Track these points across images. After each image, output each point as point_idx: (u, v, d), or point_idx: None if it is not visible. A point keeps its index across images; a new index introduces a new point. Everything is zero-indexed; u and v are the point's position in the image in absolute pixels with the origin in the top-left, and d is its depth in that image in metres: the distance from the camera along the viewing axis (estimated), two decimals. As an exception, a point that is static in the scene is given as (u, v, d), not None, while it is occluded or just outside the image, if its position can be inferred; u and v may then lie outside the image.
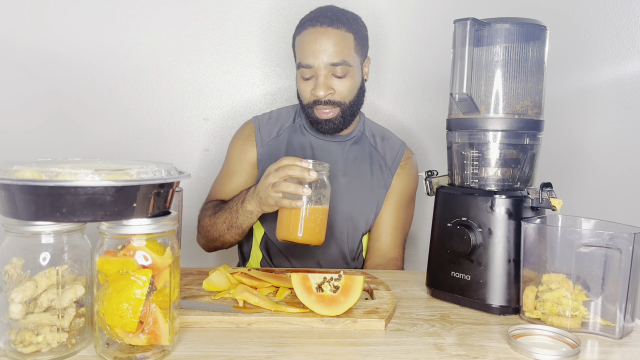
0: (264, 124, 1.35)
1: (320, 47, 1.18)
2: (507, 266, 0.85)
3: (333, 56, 1.18)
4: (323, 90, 1.19)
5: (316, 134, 1.31)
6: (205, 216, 1.26)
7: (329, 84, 1.20)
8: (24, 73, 1.57)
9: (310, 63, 1.19)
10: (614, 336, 0.76)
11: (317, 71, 1.20)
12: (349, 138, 1.32)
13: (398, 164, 1.35)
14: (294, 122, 1.35)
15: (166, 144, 1.65)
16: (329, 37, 1.19)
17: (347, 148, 1.31)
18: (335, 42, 1.19)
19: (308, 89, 1.23)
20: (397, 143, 1.37)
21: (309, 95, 1.23)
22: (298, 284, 0.79)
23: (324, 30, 1.19)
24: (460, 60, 0.84)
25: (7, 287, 0.62)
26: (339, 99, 1.22)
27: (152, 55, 1.61)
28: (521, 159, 0.89)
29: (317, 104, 1.22)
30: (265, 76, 1.66)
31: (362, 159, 1.32)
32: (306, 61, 1.20)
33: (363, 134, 1.35)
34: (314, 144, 1.31)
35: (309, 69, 1.20)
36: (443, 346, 0.71)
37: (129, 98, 1.62)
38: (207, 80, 1.64)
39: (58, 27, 1.56)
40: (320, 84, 1.19)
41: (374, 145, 1.35)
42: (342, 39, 1.20)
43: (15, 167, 0.58)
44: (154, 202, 0.64)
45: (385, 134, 1.38)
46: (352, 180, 1.30)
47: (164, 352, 0.65)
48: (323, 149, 1.30)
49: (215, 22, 1.62)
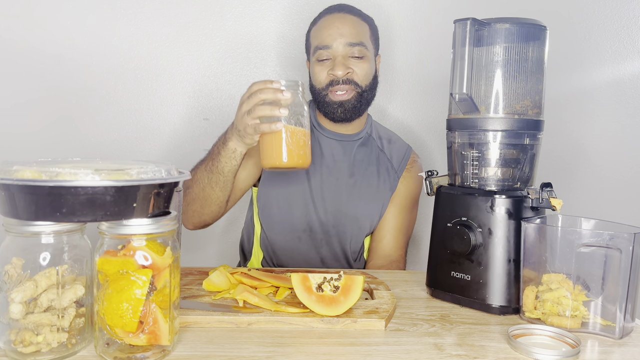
0: None
1: (338, 30, 1.21)
2: (507, 266, 0.85)
3: (351, 37, 1.21)
4: (341, 69, 1.20)
5: (324, 132, 1.30)
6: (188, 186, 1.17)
7: (347, 64, 1.21)
8: (24, 73, 1.56)
9: (328, 43, 1.21)
10: (614, 336, 0.76)
11: (335, 52, 1.21)
12: (356, 139, 1.32)
13: (404, 167, 1.36)
14: None
15: (166, 144, 1.64)
16: (346, 21, 1.23)
17: (355, 149, 1.31)
18: (353, 25, 1.23)
19: (325, 71, 1.23)
20: (404, 146, 1.38)
21: (325, 76, 1.23)
22: (298, 284, 0.79)
23: (341, 16, 1.24)
24: (460, 60, 0.84)
25: (7, 287, 0.62)
26: (356, 79, 1.22)
27: (152, 55, 1.61)
28: (521, 159, 0.89)
29: (333, 84, 1.22)
30: (265, 76, 1.66)
31: (370, 160, 1.32)
32: (324, 42, 1.21)
33: (370, 136, 1.35)
34: (323, 143, 1.30)
35: (327, 49, 1.21)
36: (443, 346, 0.71)
37: (129, 98, 1.61)
38: (207, 80, 1.64)
39: (58, 27, 1.56)
40: (339, 63, 1.21)
41: (381, 148, 1.35)
42: (359, 24, 1.24)
43: (15, 167, 0.58)
44: (154, 202, 0.63)
45: (392, 137, 1.39)
46: (359, 181, 1.30)
47: (164, 352, 0.65)
48: (331, 148, 1.30)
49: (215, 22, 1.62)
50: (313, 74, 1.26)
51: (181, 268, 0.82)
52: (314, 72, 1.25)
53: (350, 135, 1.31)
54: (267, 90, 0.95)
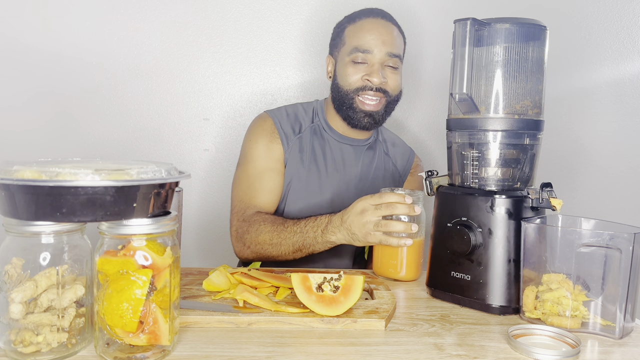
0: (284, 120, 1.28)
1: (381, 36, 1.20)
2: (507, 266, 0.85)
3: (392, 47, 1.20)
4: (378, 77, 1.19)
5: (336, 136, 1.29)
6: (264, 230, 1.15)
7: (383, 73, 1.21)
8: (24, 73, 1.56)
9: (370, 48, 1.19)
10: (614, 336, 0.76)
11: (373, 58, 1.20)
12: (365, 143, 1.32)
13: (408, 171, 1.37)
14: (313, 122, 1.31)
15: (166, 144, 1.64)
16: (390, 30, 1.22)
17: (364, 153, 1.31)
18: (395, 36, 1.22)
19: (359, 74, 1.21)
20: (407, 150, 1.39)
21: (358, 79, 1.21)
22: (298, 284, 0.79)
23: (384, 23, 1.23)
24: (460, 60, 0.84)
25: (7, 287, 0.62)
26: (389, 89, 1.22)
27: (152, 55, 1.61)
28: (521, 159, 0.89)
29: (364, 89, 1.20)
30: (265, 76, 1.66)
31: (376, 165, 1.33)
32: (366, 46, 1.20)
33: (377, 140, 1.35)
34: (333, 146, 1.29)
35: (366, 54, 1.20)
36: (443, 346, 0.71)
37: (129, 98, 1.61)
38: (207, 80, 1.64)
39: (58, 27, 1.56)
40: (377, 70, 1.19)
41: (386, 152, 1.36)
42: (398, 36, 1.24)
43: (15, 167, 0.58)
44: (154, 202, 0.63)
45: (395, 140, 1.39)
46: (365, 185, 1.30)
47: (164, 352, 0.65)
48: (341, 151, 1.30)
49: (215, 22, 1.62)
50: (345, 74, 1.22)
51: (181, 268, 0.82)
52: (347, 73, 1.22)
53: (361, 140, 1.31)
54: (400, 206, 0.97)
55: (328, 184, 1.27)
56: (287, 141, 1.26)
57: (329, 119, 1.31)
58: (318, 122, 1.30)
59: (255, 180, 1.24)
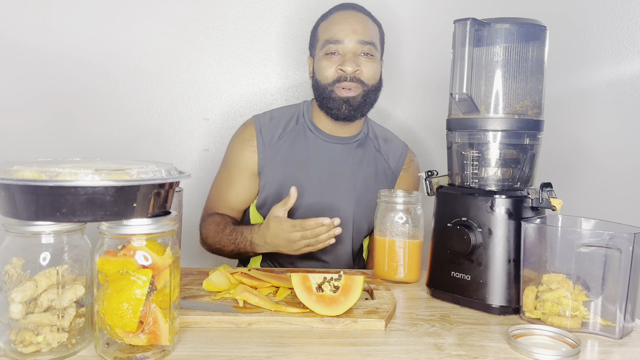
0: (265, 125, 1.30)
1: (351, 26, 1.21)
2: (507, 266, 0.85)
3: (363, 35, 1.21)
4: (351, 65, 1.19)
5: (322, 136, 1.29)
6: (210, 231, 1.25)
7: (357, 61, 1.21)
8: (24, 73, 1.56)
9: (340, 38, 1.20)
10: (614, 336, 0.76)
11: (345, 48, 1.20)
12: (354, 140, 1.30)
13: (401, 167, 1.35)
14: (297, 123, 1.31)
15: (166, 144, 1.64)
16: (359, 19, 1.23)
17: (353, 151, 1.30)
18: (365, 24, 1.23)
19: (333, 66, 1.21)
20: (400, 146, 1.37)
21: (332, 71, 1.21)
22: (298, 284, 0.79)
23: (354, 13, 1.24)
24: (460, 60, 0.84)
25: (7, 287, 0.62)
26: (363, 78, 1.22)
27: (152, 55, 1.61)
28: (521, 159, 0.89)
29: (340, 81, 1.20)
30: (265, 76, 1.66)
31: (367, 162, 1.31)
32: (336, 37, 1.21)
33: (367, 136, 1.33)
34: (319, 146, 1.28)
35: (338, 44, 1.20)
36: (443, 346, 0.71)
37: (129, 98, 1.61)
38: (207, 80, 1.64)
39: (58, 27, 1.56)
40: (349, 59, 1.20)
41: (378, 148, 1.34)
42: (371, 24, 1.25)
43: (15, 167, 0.58)
44: (154, 202, 0.63)
45: (387, 135, 1.38)
46: (357, 184, 1.29)
47: (164, 352, 0.65)
48: (328, 150, 1.29)
49: (215, 22, 1.62)
50: (320, 68, 1.23)
51: (181, 268, 0.82)
52: (321, 67, 1.23)
53: (348, 137, 1.30)
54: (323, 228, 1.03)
55: (312, 185, 1.26)
56: (264, 148, 1.28)
57: (314, 118, 1.30)
58: (303, 122, 1.31)
59: (223, 185, 1.32)
